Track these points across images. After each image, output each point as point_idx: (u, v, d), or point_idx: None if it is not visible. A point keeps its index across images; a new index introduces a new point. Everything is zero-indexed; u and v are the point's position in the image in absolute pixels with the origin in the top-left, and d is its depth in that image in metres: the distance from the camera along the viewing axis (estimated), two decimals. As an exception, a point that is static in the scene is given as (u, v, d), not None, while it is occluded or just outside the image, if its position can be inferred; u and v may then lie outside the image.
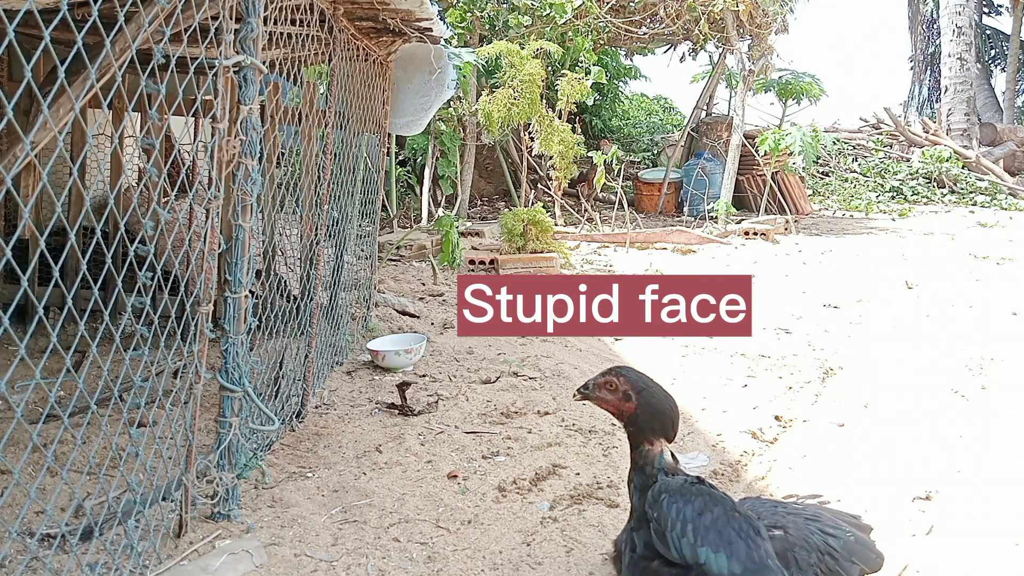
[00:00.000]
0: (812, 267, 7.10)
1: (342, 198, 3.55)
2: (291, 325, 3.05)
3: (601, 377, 1.40)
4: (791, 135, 9.59)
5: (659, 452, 1.31)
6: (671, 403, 1.39)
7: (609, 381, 1.37)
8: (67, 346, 1.64)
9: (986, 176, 13.92)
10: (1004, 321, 4.90)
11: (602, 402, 1.41)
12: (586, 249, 7.92)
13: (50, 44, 1.28)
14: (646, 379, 1.39)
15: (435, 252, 6.62)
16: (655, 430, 1.32)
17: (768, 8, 9.41)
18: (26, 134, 1.61)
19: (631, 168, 12.69)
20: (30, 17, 1.39)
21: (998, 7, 23.05)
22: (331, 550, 2.07)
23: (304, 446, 2.74)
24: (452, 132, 8.89)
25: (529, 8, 9.62)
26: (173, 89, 1.87)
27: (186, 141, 4.20)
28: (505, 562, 2.05)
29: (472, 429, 2.96)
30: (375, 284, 4.64)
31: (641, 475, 1.32)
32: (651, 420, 1.31)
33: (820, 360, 3.99)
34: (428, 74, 4.15)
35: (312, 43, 2.78)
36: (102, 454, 2.45)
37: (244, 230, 2.12)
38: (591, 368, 3.76)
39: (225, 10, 1.91)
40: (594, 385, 1.41)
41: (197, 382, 2.01)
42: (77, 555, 1.82)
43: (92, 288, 1.51)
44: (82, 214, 3.76)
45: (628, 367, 1.43)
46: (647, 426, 1.31)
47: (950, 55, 16.99)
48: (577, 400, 1.48)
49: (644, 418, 1.32)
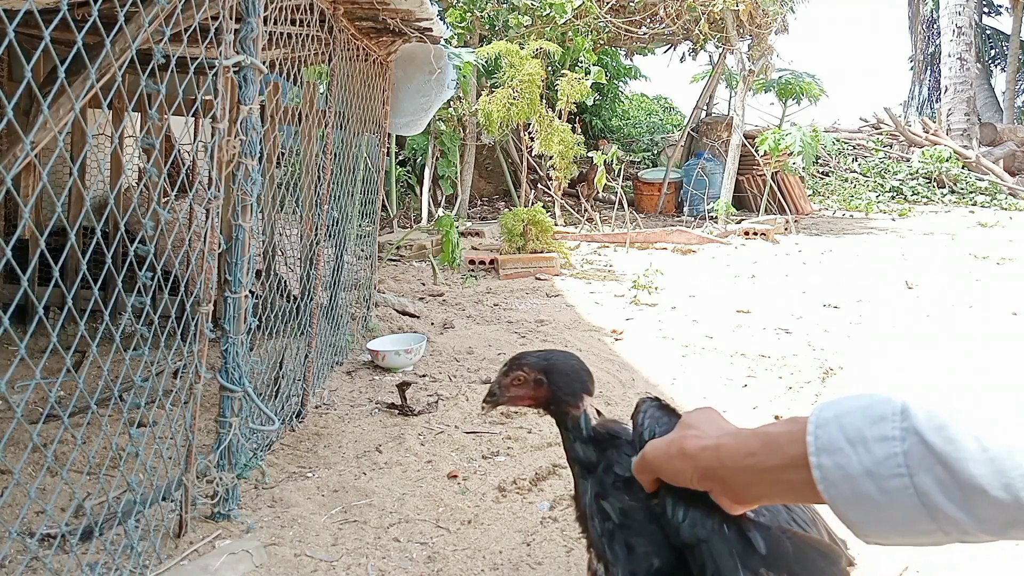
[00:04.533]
0: (812, 267, 7.10)
1: (342, 198, 3.55)
2: (291, 325, 3.05)
3: (505, 377, 1.21)
4: (791, 135, 9.60)
5: (582, 413, 1.17)
6: (575, 359, 1.24)
7: (517, 376, 1.20)
8: (67, 346, 1.64)
9: (986, 176, 13.93)
10: (1004, 321, 4.91)
11: (517, 401, 1.22)
12: (586, 249, 7.93)
13: (50, 44, 1.28)
14: (545, 353, 1.24)
15: (435, 252, 6.62)
16: (575, 393, 1.18)
17: (768, 8, 9.42)
18: (26, 134, 1.61)
19: (631, 168, 12.70)
20: (30, 17, 1.39)
21: (998, 7, 23.06)
22: (331, 550, 2.07)
23: (304, 446, 2.74)
24: (452, 132, 8.89)
25: (529, 8, 9.62)
26: (173, 89, 1.87)
27: (186, 141, 4.20)
28: (505, 562, 2.05)
29: (472, 429, 2.96)
30: (375, 284, 4.64)
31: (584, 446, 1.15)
32: (568, 386, 1.18)
33: (820, 360, 3.99)
34: (428, 74, 4.15)
35: (312, 43, 2.78)
36: (102, 454, 2.45)
37: (244, 230, 2.12)
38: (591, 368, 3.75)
39: (225, 10, 1.91)
40: (501, 388, 1.21)
41: (197, 382, 2.01)
42: (77, 555, 1.82)
43: (92, 288, 1.51)
44: (82, 214, 3.77)
45: (526, 351, 1.24)
46: (567, 396, 1.18)
47: (950, 55, 17.01)
48: (487, 412, 1.27)
49: (561, 390, 1.18)
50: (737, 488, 0.79)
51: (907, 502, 0.63)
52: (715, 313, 5.10)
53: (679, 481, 0.86)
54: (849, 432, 0.67)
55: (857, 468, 0.65)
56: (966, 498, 0.60)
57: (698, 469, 0.82)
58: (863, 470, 0.65)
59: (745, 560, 0.84)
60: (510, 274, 6.30)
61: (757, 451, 0.75)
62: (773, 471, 0.73)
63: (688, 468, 0.83)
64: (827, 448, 0.67)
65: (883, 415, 0.66)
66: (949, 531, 0.62)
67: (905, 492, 0.63)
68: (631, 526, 0.98)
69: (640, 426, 1.04)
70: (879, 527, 0.65)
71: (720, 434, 0.82)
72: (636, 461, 0.94)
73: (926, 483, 0.62)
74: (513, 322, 4.71)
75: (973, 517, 0.60)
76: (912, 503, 0.62)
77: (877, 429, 0.65)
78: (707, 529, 0.85)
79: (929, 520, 0.62)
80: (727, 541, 0.85)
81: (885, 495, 0.63)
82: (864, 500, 0.65)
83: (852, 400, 0.70)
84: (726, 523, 0.85)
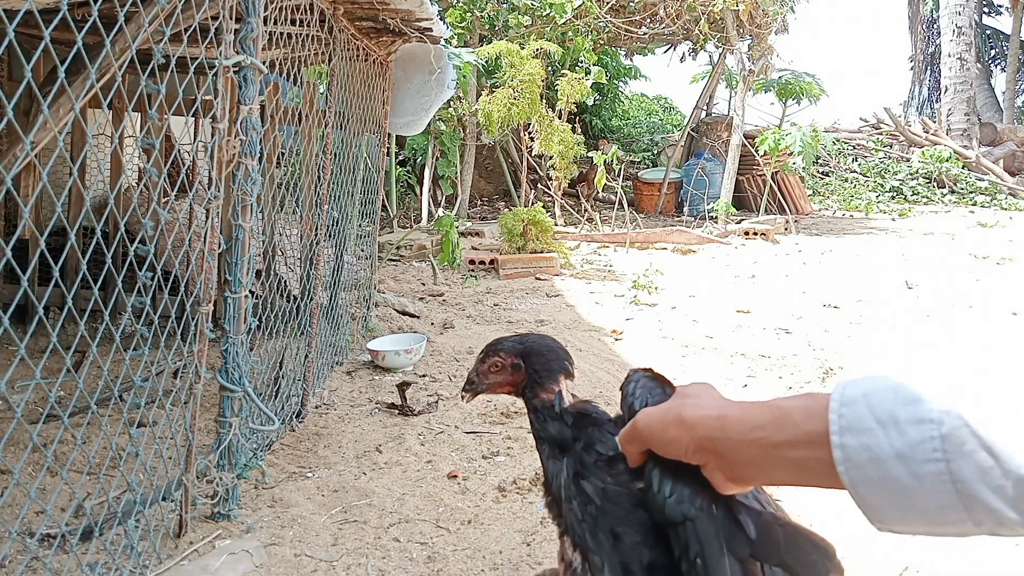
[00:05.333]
0: (812, 267, 7.10)
1: (342, 198, 3.55)
2: (291, 325, 3.05)
3: (483, 364, 1.14)
4: (791, 135, 9.60)
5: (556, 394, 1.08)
6: (550, 339, 1.17)
7: (494, 363, 1.13)
8: (67, 346, 1.64)
9: (986, 176, 13.93)
10: (1004, 321, 4.91)
11: (496, 388, 1.15)
12: (586, 249, 7.93)
13: (50, 44, 1.28)
14: (520, 337, 1.16)
15: (435, 252, 6.62)
16: (552, 372, 1.10)
17: (768, 8, 9.42)
18: (26, 134, 1.61)
19: (631, 168, 12.70)
20: (30, 17, 1.39)
21: (998, 7, 23.06)
22: (331, 550, 2.07)
23: (304, 446, 2.74)
24: (452, 132, 8.89)
25: (529, 8, 9.63)
26: (173, 89, 1.87)
27: (186, 141, 4.20)
28: (505, 562, 2.05)
29: (472, 429, 2.96)
30: (375, 284, 4.64)
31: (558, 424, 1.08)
32: (545, 367, 1.10)
33: (820, 360, 3.99)
34: (428, 74, 4.15)
35: (312, 43, 2.78)
36: (102, 454, 2.45)
37: (244, 230, 2.12)
38: (591, 368, 3.76)
39: (225, 10, 1.91)
40: (479, 375, 1.14)
41: (197, 382, 2.01)
42: (77, 555, 1.82)
43: (92, 288, 1.51)
44: (82, 214, 3.77)
45: (502, 337, 1.17)
46: (544, 377, 1.10)
47: (950, 55, 17.01)
48: (468, 401, 1.20)
49: (539, 373, 1.10)
50: (737, 463, 0.73)
51: (940, 489, 0.59)
52: (715, 313, 5.10)
53: (671, 451, 0.80)
54: (879, 412, 0.62)
55: (887, 450, 0.61)
56: (1015, 488, 0.56)
57: (696, 439, 0.76)
58: (893, 453, 0.60)
59: (732, 544, 0.78)
60: (510, 274, 6.30)
61: (766, 424, 0.70)
62: (782, 447, 0.68)
63: (684, 437, 0.77)
64: (852, 427, 0.63)
65: (918, 397, 0.62)
66: (982, 522, 0.59)
67: (939, 479, 0.59)
68: (615, 512, 0.91)
69: (630, 395, 0.97)
70: (903, 514, 0.62)
71: (723, 404, 0.77)
72: (625, 430, 0.88)
73: (965, 470, 0.58)
74: (513, 322, 4.71)
75: (1017, 509, 0.57)
76: (945, 490, 0.59)
77: (912, 410, 0.61)
78: (695, 507, 0.79)
79: (961, 510, 0.59)
80: (715, 522, 0.78)
81: (915, 480, 0.59)
82: (891, 485, 0.61)
83: (880, 380, 0.65)
84: (715, 503, 0.79)
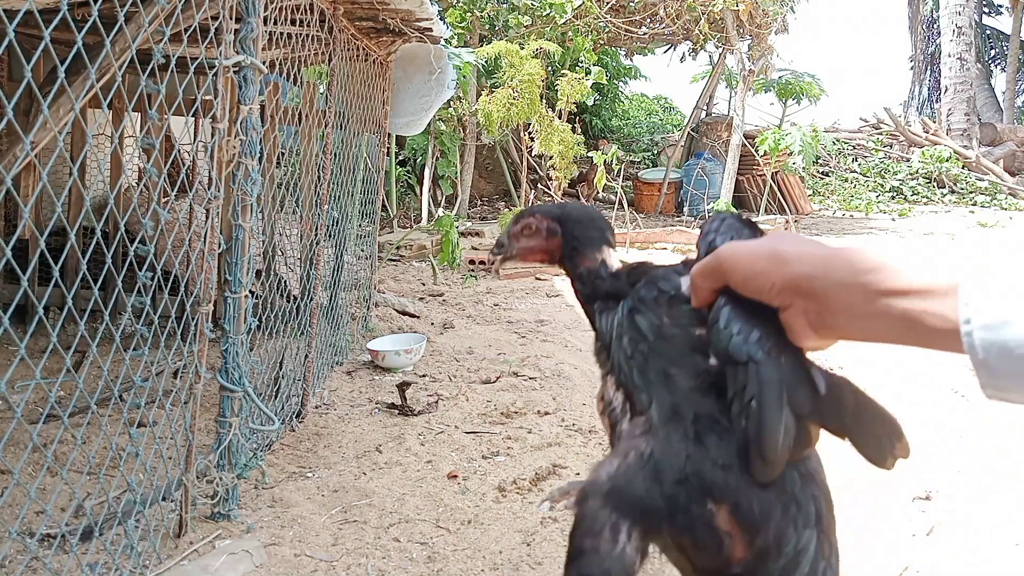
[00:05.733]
0: (812, 267, 7.10)
1: (342, 198, 3.55)
2: (291, 325, 3.05)
3: (515, 226, 1.05)
4: (791, 135, 9.60)
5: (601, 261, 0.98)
6: (592, 208, 1.08)
7: (527, 224, 1.04)
8: (67, 346, 1.64)
9: (986, 176, 13.93)
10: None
11: (528, 253, 1.05)
12: (586, 249, 7.92)
13: (50, 44, 1.28)
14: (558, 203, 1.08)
15: (435, 252, 6.62)
16: (593, 241, 1.00)
17: (768, 8, 9.42)
18: (26, 134, 1.61)
19: (631, 168, 12.70)
20: (30, 17, 1.39)
21: (998, 7, 23.06)
22: (331, 550, 2.07)
23: (304, 446, 2.74)
24: (452, 132, 8.89)
25: (529, 8, 9.63)
26: (173, 89, 1.87)
27: (186, 141, 4.20)
28: (505, 562, 2.05)
29: (472, 429, 2.96)
30: (375, 284, 4.64)
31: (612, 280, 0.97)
32: (584, 235, 1.00)
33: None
34: (428, 74, 4.15)
35: (312, 43, 2.78)
36: (102, 454, 2.45)
37: (244, 230, 2.12)
38: (591, 368, 3.76)
39: (225, 10, 1.91)
40: (510, 238, 1.04)
41: (197, 382, 2.01)
42: (77, 555, 1.82)
43: (92, 288, 1.51)
44: (82, 214, 3.76)
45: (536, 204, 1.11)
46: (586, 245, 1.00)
47: (950, 55, 17.01)
48: (497, 265, 1.08)
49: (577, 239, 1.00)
50: (830, 309, 0.65)
51: None
52: (715, 313, 5.09)
53: (754, 286, 0.70)
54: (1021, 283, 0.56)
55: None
56: None
57: (788, 275, 0.67)
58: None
59: (794, 396, 0.69)
60: (510, 274, 6.30)
61: (879, 269, 0.63)
62: (893, 295, 0.61)
63: (774, 272, 0.68)
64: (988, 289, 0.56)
65: None
66: None
67: None
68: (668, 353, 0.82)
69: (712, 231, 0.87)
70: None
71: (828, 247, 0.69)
72: (703, 262, 0.77)
73: None
74: (513, 322, 4.71)
75: None
76: None
77: None
78: (763, 350, 0.70)
79: None
80: (780, 369, 0.70)
81: None
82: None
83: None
84: (785, 352, 0.70)
